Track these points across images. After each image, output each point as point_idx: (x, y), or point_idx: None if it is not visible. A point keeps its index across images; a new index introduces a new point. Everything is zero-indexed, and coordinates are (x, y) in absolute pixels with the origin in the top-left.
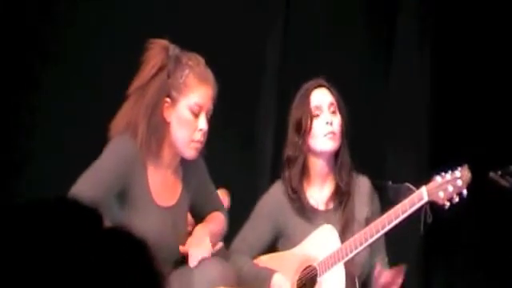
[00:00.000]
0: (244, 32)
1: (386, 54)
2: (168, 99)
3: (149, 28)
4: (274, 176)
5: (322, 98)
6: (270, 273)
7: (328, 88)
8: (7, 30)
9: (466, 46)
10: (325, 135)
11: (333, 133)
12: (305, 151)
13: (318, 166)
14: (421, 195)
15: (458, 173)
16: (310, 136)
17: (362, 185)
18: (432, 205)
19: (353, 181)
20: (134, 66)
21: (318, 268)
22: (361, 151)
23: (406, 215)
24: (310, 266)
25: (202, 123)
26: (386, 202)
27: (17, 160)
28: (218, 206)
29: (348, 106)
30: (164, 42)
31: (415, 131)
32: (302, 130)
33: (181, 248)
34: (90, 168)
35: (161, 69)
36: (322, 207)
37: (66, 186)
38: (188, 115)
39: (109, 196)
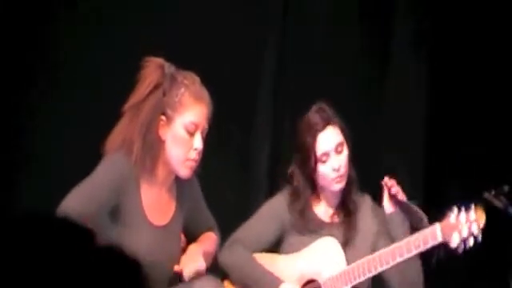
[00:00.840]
0: (240, 45)
1: (382, 63)
2: (163, 117)
3: (148, 30)
4: (270, 192)
5: (329, 143)
6: (276, 281)
7: (333, 123)
8: (7, 30)
9: (462, 53)
10: (332, 179)
11: (340, 176)
12: (309, 187)
13: (326, 193)
14: (435, 234)
15: (472, 215)
16: (318, 176)
17: (365, 203)
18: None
19: (358, 199)
20: (133, 67)
21: (323, 286)
22: (356, 160)
23: (418, 251)
24: (313, 280)
25: (198, 142)
26: None
27: (17, 160)
28: (211, 226)
29: (344, 116)
30: (159, 61)
31: (411, 140)
32: (306, 173)
33: (175, 267)
34: (81, 183)
35: (156, 87)
36: (327, 220)
37: (65, 187)
38: (183, 134)
39: (100, 213)
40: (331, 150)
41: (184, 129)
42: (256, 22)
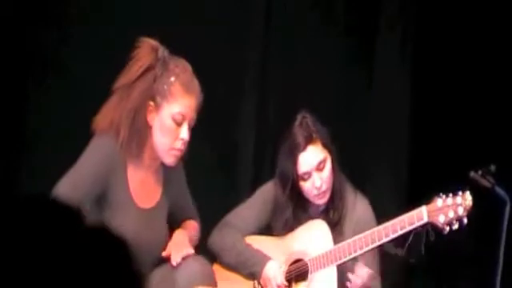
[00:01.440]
0: (226, 36)
1: (366, 71)
2: (152, 103)
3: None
4: (255, 180)
5: (310, 162)
6: (263, 259)
7: (315, 141)
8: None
9: (446, 61)
10: (315, 195)
11: (322, 192)
12: (289, 202)
13: (310, 202)
14: (421, 215)
15: (459, 199)
16: (301, 191)
17: (360, 208)
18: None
19: (349, 201)
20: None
21: (309, 264)
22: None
23: (403, 232)
24: (300, 259)
25: (184, 133)
26: None
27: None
28: (192, 215)
29: (329, 124)
30: (154, 43)
31: (396, 148)
32: (286, 191)
33: (163, 253)
34: (72, 168)
35: (148, 70)
36: (315, 215)
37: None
38: (170, 123)
39: (90, 197)
40: (312, 169)
41: (171, 118)
42: (240, 19)
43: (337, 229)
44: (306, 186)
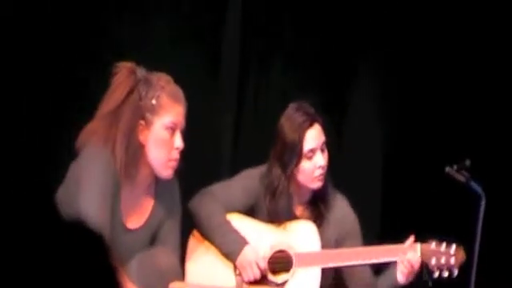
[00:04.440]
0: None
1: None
2: (142, 122)
3: None
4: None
5: (316, 141)
6: (241, 241)
7: (320, 123)
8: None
9: (418, 58)
10: (315, 177)
11: (322, 174)
12: (287, 183)
13: (300, 189)
14: (415, 249)
15: (452, 250)
16: (300, 173)
17: (339, 205)
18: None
19: (330, 198)
20: None
21: (293, 258)
22: None
23: (394, 259)
24: (284, 251)
25: (178, 141)
26: None
27: None
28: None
29: None
30: (130, 65)
31: (370, 139)
32: (288, 170)
33: None
34: (83, 185)
35: (131, 92)
36: (297, 213)
37: None
38: (164, 135)
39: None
40: (317, 147)
41: (165, 130)
42: None
43: (318, 225)
44: (308, 167)
